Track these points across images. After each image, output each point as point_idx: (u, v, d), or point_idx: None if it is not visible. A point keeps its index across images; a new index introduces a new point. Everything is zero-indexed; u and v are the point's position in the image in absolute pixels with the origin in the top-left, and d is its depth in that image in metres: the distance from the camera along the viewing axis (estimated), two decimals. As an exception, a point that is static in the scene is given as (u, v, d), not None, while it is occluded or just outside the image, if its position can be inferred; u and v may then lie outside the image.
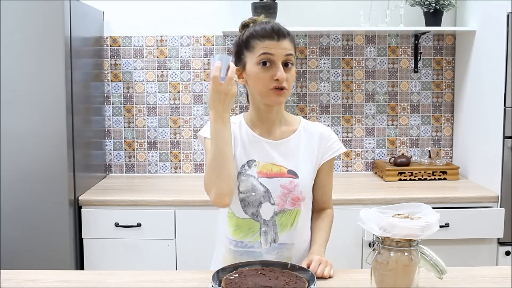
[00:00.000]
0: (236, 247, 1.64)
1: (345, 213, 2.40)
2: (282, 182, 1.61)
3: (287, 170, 1.63)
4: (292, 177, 1.62)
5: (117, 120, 3.27)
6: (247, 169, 1.62)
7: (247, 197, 1.61)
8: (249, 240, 1.63)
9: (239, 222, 1.64)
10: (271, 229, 1.62)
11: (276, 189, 1.61)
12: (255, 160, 1.63)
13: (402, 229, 1.32)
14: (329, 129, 1.72)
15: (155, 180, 3.18)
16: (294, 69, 1.60)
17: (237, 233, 1.64)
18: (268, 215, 1.62)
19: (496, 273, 1.60)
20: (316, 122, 1.75)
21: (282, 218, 1.63)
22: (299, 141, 1.67)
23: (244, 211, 1.62)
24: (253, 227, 1.63)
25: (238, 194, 1.61)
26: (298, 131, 1.68)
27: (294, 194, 1.62)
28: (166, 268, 2.69)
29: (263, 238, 1.62)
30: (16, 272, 1.61)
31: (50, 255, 2.59)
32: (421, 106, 3.31)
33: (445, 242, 2.61)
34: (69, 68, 2.60)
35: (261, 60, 1.55)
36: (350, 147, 3.32)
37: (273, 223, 1.62)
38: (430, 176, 3.05)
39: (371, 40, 3.26)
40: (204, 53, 3.23)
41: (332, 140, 1.69)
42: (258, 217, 1.62)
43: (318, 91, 3.28)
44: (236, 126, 1.67)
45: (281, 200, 1.61)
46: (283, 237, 1.63)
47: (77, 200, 2.69)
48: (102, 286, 1.51)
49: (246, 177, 1.61)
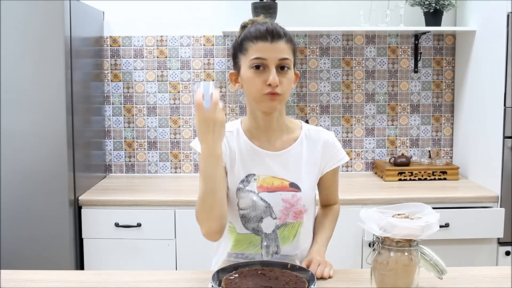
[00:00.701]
0: (237, 258, 1.61)
1: (345, 213, 2.39)
2: (284, 196, 1.55)
3: (289, 183, 1.55)
4: (294, 191, 1.55)
5: (117, 120, 3.27)
6: (246, 185, 1.54)
7: (248, 214, 1.55)
8: (250, 252, 1.60)
9: (239, 237, 1.59)
10: (272, 242, 1.58)
11: (278, 204, 1.55)
12: (255, 174, 1.55)
13: (402, 229, 1.32)
14: (332, 136, 1.63)
15: (155, 180, 3.18)
16: (292, 73, 1.50)
17: (237, 247, 1.60)
18: (270, 229, 1.57)
19: (496, 273, 1.60)
20: (319, 128, 1.66)
21: (284, 231, 1.57)
22: (301, 151, 1.59)
23: (245, 227, 1.57)
24: (254, 240, 1.58)
25: (238, 210, 1.55)
26: (300, 139, 1.60)
27: (297, 208, 1.55)
28: (166, 268, 2.69)
29: (264, 250, 1.58)
30: (16, 272, 1.61)
31: (50, 255, 2.59)
32: (421, 106, 3.31)
33: (445, 242, 2.61)
34: (69, 68, 2.59)
35: (253, 64, 1.46)
36: (350, 147, 3.32)
37: (274, 236, 1.58)
38: (430, 176, 3.05)
39: (371, 40, 3.26)
40: (204, 53, 3.23)
41: (336, 148, 1.62)
42: (259, 231, 1.57)
43: (318, 91, 3.28)
44: (233, 136, 1.57)
45: (283, 214, 1.55)
46: (286, 249, 1.59)
47: (77, 200, 2.69)
48: (102, 286, 1.51)
49: (246, 193, 1.54)
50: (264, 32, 1.46)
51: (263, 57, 1.45)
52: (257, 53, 1.46)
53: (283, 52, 1.46)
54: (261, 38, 1.46)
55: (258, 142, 1.57)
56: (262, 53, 1.45)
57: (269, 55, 1.45)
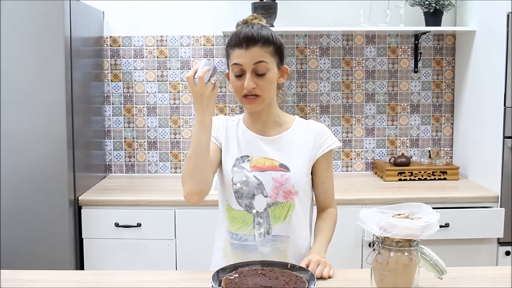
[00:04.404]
0: (232, 239, 1.69)
1: (345, 213, 2.40)
2: (274, 175, 1.65)
3: (279, 163, 1.66)
4: (283, 171, 1.65)
5: (117, 120, 3.27)
6: (241, 162, 1.67)
7: (241, 189, 1.65)
8: (243, 233, 1.66)
9: (234, 213, 1.68)
10: (264, 221, 1.65)
11: (269, 182, 1.65)
12: (249, 156, 1.67)
13: (402, 229, 1.32)
14: (323, 126, 1.74)
15: (155, 180, 3.18)
16: (272, 73, 1.60)
17: (233, 225, 1.68)
18: (262, 207, 1.65)
19: (496, 273, 1.60)
20: (310, 120, 1.79)
21: (275, 210, 1.65)
22: (292, 137, 1.70)
23: (238, 203, 1.66)
24: (247, 219, 1.66)
25: (232, 185, 1.66)
26: (292, 128, 1.72)
27: (286, 187, 1.64)
28: (166, 268, 2.69)
29: (256, 230, 1.65)
30: (16, 272, 1.61)
31: (50, 255, 2.59)
32: (421, 106, 3.31)
33: (445, 242, 2.62)
34: (69, 68, 2.60)
35: (233, 69, 1.60)
36: (350, 147, 3.32)
37: (266, 215, 1.65)
38: (430, 176, 3.05)
39: (371, 40, 3.26)
40: (204, 53, 3.23)
41: (326, 135, 1.71)
42: (251, 208, 1.65)
43: (318, 91, 3.28)
44: (234, 125, 1.73)
45: (274, 192, 1.65)
46: (277, 229, 1.66)
47: (77, 200, 2.69)
48: (102, 286, 1.51)
49: (240, 169, 1.66)
50: (240, 39, 1.58)
51: (239, 63, 1.58)
52: (235, 59, 1.59)
53: (257, 57, 1.57)
54: (237, 45, 1.58)
55: (254, 129, 1.71)
56: (238, 59, 1.58)
57: (244, 60, 1.57)
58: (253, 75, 1.58)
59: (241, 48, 1.57)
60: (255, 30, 1.58)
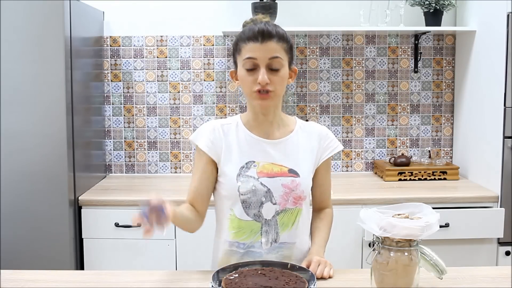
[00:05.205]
0: (238, 248, 1.63)
1: (345, 213, 2.40)
2: (284, 181, 1.60)
3: (288, 169, 1.62)
4: (293, 176, 1.61)
5: (117, 120, 3.27)
6: (246, 171, 1.61)
7: (248, 199, 1.59)
8: (250, 241, 1.62)
9: (241, 224, 1.62)
10: (272, 228, 1.61)
11: (278, 189, 1.60)
12: (254, 161, 1.61)
13: (402, 229, 1.32)
14: (325, 128, 1.73)
15: (155, 180, 3.18)
16: (285, 70, 1.57)
17: (238, 236, 1.63)
18: (270, 215, 1.61)
19: (496, 273, 1.60)
20: (310, 122, 1.77)
21: (283, 217, 1.61)
22: (297, 140, 1.67)
23: (246, 213, 1.61)
24: (255, 228, 1.61)
25: (239, 196, 1.60)
26: (296, 131, 1.68)
27: (296, 193, 1.61)
28: (166, 268, 2.68)
29: (264, 238, 1.61)
30: (16, 272, 1.61)
31: (50, 255, 2.59)
32: (421, 106, 3.31)
33: (445, 242, 2.61)
34: (69, 68, 2.60)
35: (245, 63, 1.55)
36: (350, 147, 3.32)
37: (274, 222, 1.61)
38: (430, 176, 3.05)
39: (371, 40, 3.26)
40: (204, 53, 3.23)
41: (329, 139, 1.70)
42: (260, 217, 1.61)
43: (318, 91, 3.28)
44: (233, 128, 1.65)
45: (283, 199, 1.60)
46: (284, 237, 1.62)
47: (77, 200, 2.69)
48: (102, 286, 1.51)
49: (246, 178, 1.60)
50: (255, 33, 1.53)
51: (253, 57, 1.53)
52: (248, 53, 1.54)
53: (273, 51, 1.53)
54: (252, 39, 1.53)
55: (257, 132, 1.65)
56: (252, 53, 1.53)
57: (259, 54, 1.53)
58: (267, 70, 1.53)
59: (256, 42, 1.52)
60: (271, 26, 1.55)
